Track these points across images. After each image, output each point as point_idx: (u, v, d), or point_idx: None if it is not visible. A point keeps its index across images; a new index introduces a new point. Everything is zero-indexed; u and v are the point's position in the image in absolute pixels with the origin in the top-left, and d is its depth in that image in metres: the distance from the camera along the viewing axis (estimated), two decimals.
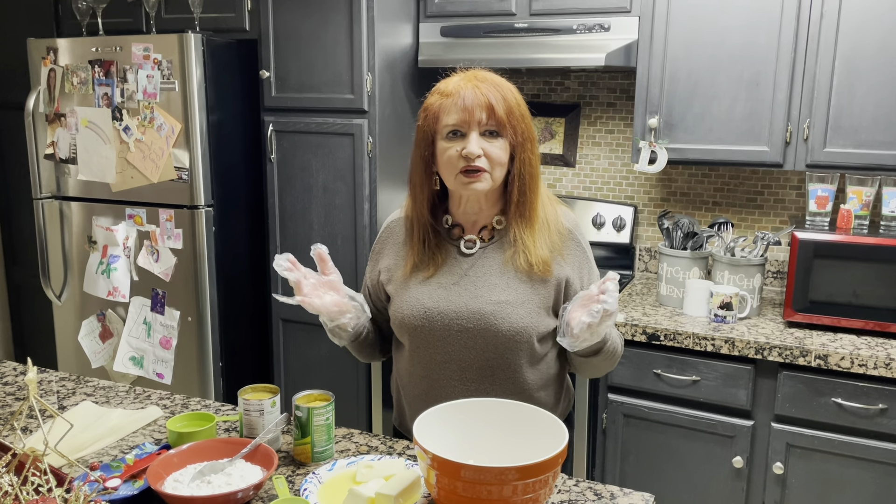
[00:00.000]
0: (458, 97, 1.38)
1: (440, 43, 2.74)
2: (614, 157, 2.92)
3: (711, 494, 2.32)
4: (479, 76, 1.41)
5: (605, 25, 2.51)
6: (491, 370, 1.45)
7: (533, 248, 1.42)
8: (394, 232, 1.57)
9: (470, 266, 1.47)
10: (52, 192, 2.92)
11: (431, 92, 1.45)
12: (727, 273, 2.41)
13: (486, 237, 1.49)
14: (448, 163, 1.41)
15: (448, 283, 1.46)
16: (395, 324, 1.51)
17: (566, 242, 1.47)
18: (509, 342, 1.42)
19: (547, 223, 1.46)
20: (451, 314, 1.43)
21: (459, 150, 1.38)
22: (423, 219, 1.48)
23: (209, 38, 2.62)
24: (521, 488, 1.12)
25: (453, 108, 1.38)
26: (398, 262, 1.53)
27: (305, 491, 1.27)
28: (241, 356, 2.92)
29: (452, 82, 1.41)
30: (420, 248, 1.48)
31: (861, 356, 2.07)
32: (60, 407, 1.67)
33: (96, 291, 2.87)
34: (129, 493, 1.25)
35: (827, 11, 2.24)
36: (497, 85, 1.40)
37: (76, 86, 2.76)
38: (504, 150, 1.40)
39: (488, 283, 1.44)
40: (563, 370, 1.57)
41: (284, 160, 2.77)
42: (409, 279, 1.49)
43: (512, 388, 1.46)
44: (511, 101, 1.40)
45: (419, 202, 1.48)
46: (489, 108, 1.37)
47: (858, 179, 2.34)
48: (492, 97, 1.37)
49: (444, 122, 1.39)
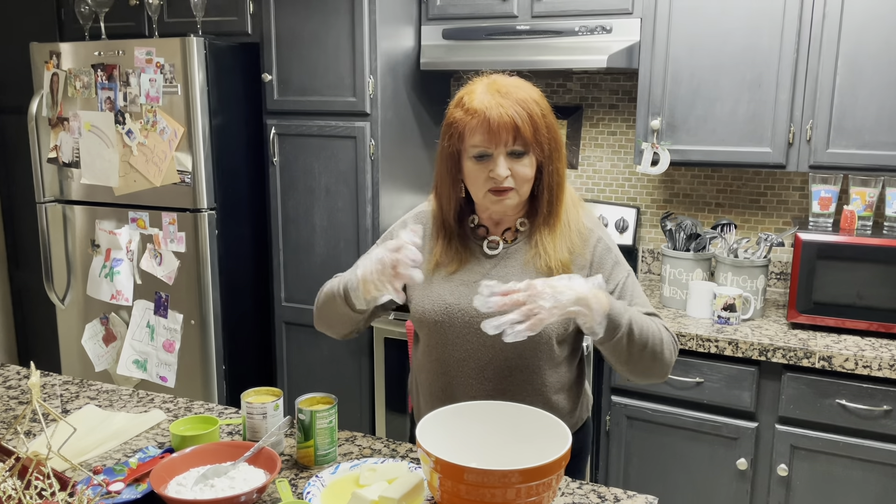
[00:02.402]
0: (483, 117, 1.34)
1: (442, 45, 2.74)
2: (617, 158, 2.92)
3: (715, 497, 2.32)
4: (501, 89, 1.37)
5: (606, 27, 2.51)
6: (509, 370, 1.45)
7: (553, 253, 1.42)
8: (423, 223, 1.55)
9: (493, 266, 1.47)
10: (55, 196, 2.93)
11: (454, 103, 1.41)
12: (730, 274, 2.41)
13: (509, 238, 1.49)
14: (475, 181, 1.41)
15: (470, 280, 1.46)
16: (415, 318, 1.51)
17: (587, 242, 1.46)
18: (529, 342, 1.40)
19: (569, 225, 1.45)
20: (472, 311, 1.42)
21: (487, 172, 1.38)
22: (450, 224, 1.48)
23: (211, 42, 2.63)
24: (524, 491, 1.12)
25: (479, 128, 1.36)
26: (423, 255, 1.52)
27: (308, 494, 1.27)
28: (244, 359, 2.92)
29: (476, 97, 1.37)
30: (445, 248, 1.49)
31: (865, 357, 2.06)
32: (64, 411, 1.67)
33: (99, 295, 2.87)
34: (133, 496, 1.25)
35: (829, 12, 2.24)
36: (521, 100, 1.35)
37: (79, 90, 2.77)
38: (531, 166, 1.39)
39: (510, 282, 1.43)
40: (581, 375, 1.56)
41: (287, 163, 2.78)
42: (432, 274, 1.49)
43: (529, 390, 1.45)
44: (536, 115, 1.36)
45: (445, 211, 1.48)
46: (514, 129, 1.34)
47: (862, 180, 2.33)
48: (517, 117, 1.34)
49: (470, 143, 1.38)
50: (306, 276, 2.83)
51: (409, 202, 2.86)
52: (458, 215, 1.49)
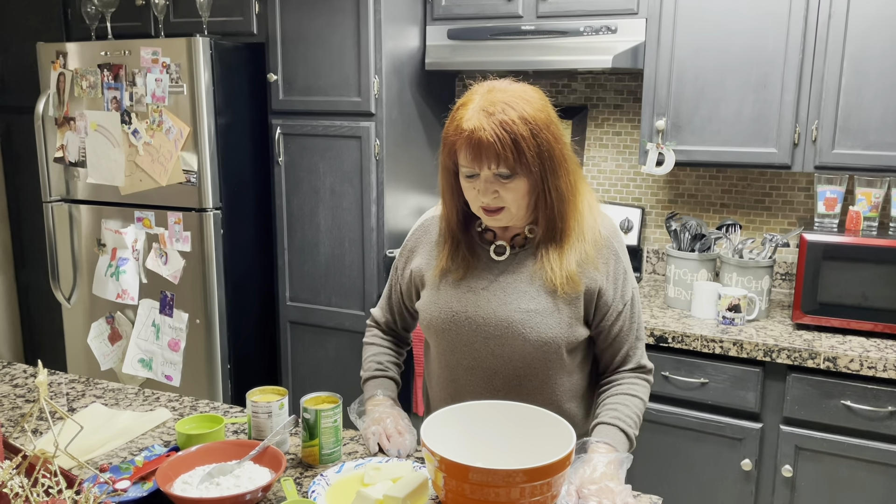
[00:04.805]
0: (468, 138, 1.30)
1: (447, 46, 2.74)
2: (622, 158, 2.92)
3: (720, 497, 2.31)
4: (490, 107, 1.30)
5: (612, 27, 2.51)
6: (518, 379, 1.43)
7: (559, 270, 1.38)
8: (428, 230, 1.55)
9: (501, 272, 1.44)
10: (61, 196, 2.94)
11: (452, 112, 1.37)
12: (735, 275, 2.40)
13: (517, 244, 1.46)
14: (468, 197, 1.39)
15: (478, 287, 1.44)
16: (422, 323, 1.51)
17: (601, 251, 1.43)
18: (537, 352, 1.40)
19: (582, 235, 1.41)
20: (479, 320, 1.42)
21: (476, 191, 1.36)
22: (454, 231, 1.46)
23: (217, 42, 2.64)
24: (528, 491, 1.12)
25: (465, 148, 1.32)
26: (430, 262, 1.51)
27: (313, 493, 1.27)
28: (249, 358, 2.93)
29: (467, 114, 1.32)
30: (451, 254, 1.46)
31: (870, 358, 2.05)
32: (70, 409, 1.68)
33: (105, 294, 2.88)
34: (139, 494, 1.25)
35: (835, 12, 2.23)
36: (507, 122, 1.28)
37: (85, 89, 2.78)
38: (518, 188, 1.34)
39: (517, 289, 1.41)
40: (594, 383, 1.54)
41: (292, 163, 2.78)
42: (440, 280, 1.48)
43: (540, 399, 1.43)
44: (523, 137, 1.29)
45: (449, 216, 1.46)
46: (496, 155, 1.29)
47: (867, 181, 2.32)
48: (498, 143, 1.28)
49: (460, 161, 1.35)
50: (311, 276, 2.83)
51: (413, 202, 2.86)
52: (464, 222, 1.46)
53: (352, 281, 2.76)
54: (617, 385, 1.47)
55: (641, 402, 1.46)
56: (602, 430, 1.40)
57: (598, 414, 1.44)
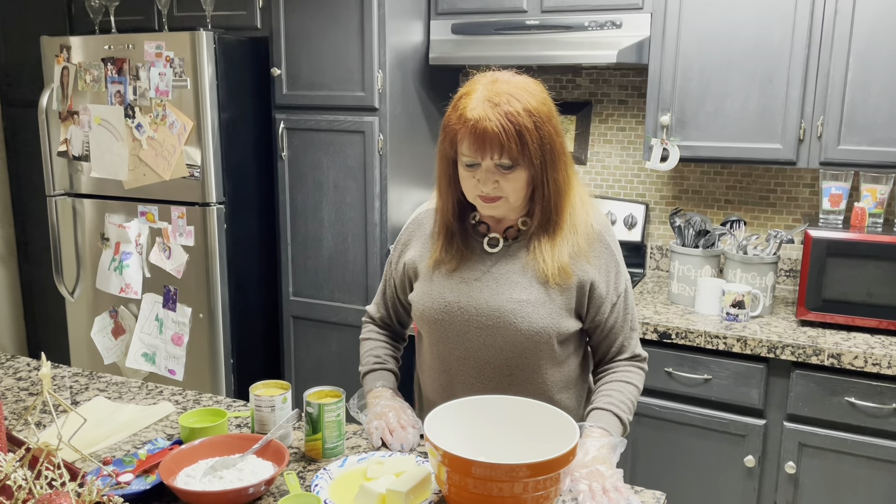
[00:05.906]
0: (472, 128, 1.31)
1: (451, 40, 2.73)
2: (626, 154, 2.91)
3: (723, 493, 2.31)
4: (495, 97, 1.31)
5: (616, 22, 2.50)
6: (510, 370, 1.44)
7: (551, 261, 1.40)
8: (422, 224, 1.56)
9: (493, 263, 1.45)
10: (65, 190, 2.94)
11: (454, 101, 1.38)
12: (739, 271, 2.40)
13: (510, 236, 1.47)
14: (466, 186, 1.40)
15: (471, 278, 1.45)
16: (415, 314, 1.52)
17: (593, 245, 1.44)
18: (529, 342, 1.41)
19: (574, 227, 1.42)
20: (472, 310, 1.43)
21: (476, 180, 1.36)
22: (449, 221, 1.47)
23: (221, 36, 2.63)
24: (531, 485, 1.12)
25: (467, 137, 1.33)
26: (423, 254, 1.52)
27: (316, 487, 1.27)
28: (253, 352, 2.93)
29: (471, 103, 1.33)
30: (445, 245, 1.47)
31: (875, 355, 2.05)
32: (74, 402, 1.68)
33: (109, 288, 2.88)
34: (142, 487, 1.26)
35: (841, 8, 2.22)
36: (512, 113, 1.29)
37: (89, 83, 2.78)
38: (518, 179, 1.35)
39: (510, 280, 1.43)
40: (585, 373, 1.56)
41: (295, 157, 2.78)
42: (433, 271, 1.48)
43: (531, 389, 1.45)
44: (527, 128, 1.31)
45: (444, 207, 1.47)
46: (500, 145, 1.30)
47: (873, 177, 2.32)
48: (503, 133, 1.29)
49: (461, 150, 1.36)
50: (314, 271, 2.83)
51: (417, 197, 2.86)
52: (459, 212, 1.47)
53: (355, 276, 2.76)
54: (612, 373, 1.51)
55: (636, 389, 1.50)
56: (596, 414, 1.43)
57: (593, 400, 1.48)
